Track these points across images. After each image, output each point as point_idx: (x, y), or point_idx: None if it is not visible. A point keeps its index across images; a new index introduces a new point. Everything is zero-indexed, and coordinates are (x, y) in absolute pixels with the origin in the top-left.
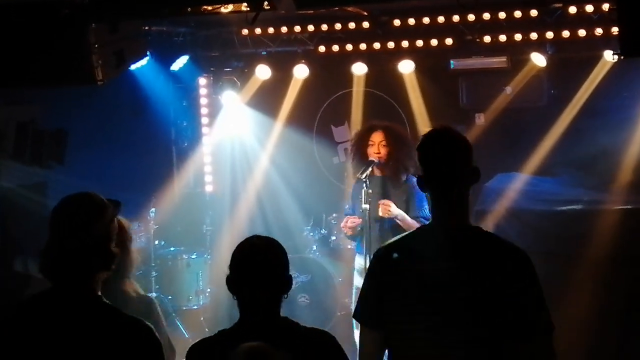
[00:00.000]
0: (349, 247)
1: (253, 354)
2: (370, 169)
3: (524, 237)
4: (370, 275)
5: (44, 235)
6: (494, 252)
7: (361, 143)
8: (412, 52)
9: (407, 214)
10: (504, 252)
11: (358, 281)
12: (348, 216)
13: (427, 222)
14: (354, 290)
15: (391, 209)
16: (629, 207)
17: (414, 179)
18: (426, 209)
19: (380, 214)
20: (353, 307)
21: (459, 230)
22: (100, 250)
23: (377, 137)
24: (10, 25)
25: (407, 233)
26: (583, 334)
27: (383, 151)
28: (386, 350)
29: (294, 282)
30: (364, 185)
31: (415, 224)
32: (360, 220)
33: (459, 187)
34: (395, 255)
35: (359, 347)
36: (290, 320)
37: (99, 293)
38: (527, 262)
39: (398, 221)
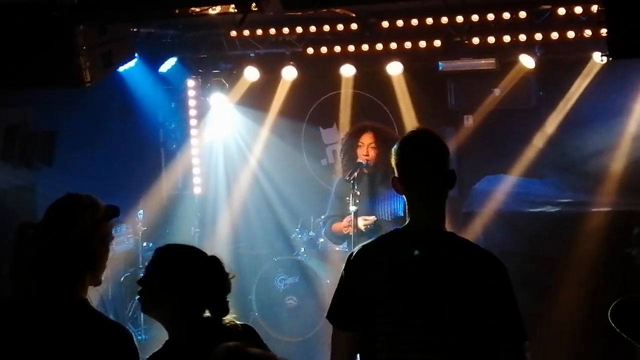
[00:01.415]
0: (337, 249)
1: (233, 353)
2: (357, 171)
3: (512, 239)
4: (343, 276)
5: None
6: (469, 259)
7: (351, 143)
8: (400, 54)
9: (397, 213)
10: (478, 259)
11: None
12: (336, 217)
13: None
14: None
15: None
16: (616, 209)
17: None
18: None
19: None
20: None
21: (433, 235)
22: (79, 250)
23: (367, 139)
24: None
25: (381, 235)
26: (570, 335)
27: (372, 153)
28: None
29: (281, 285)
30: (352, 187)
31: None
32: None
33: (435, 191)
34: (368, 256)
35: (332, 348)
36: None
37: (85, 296)
38: (502, 270)
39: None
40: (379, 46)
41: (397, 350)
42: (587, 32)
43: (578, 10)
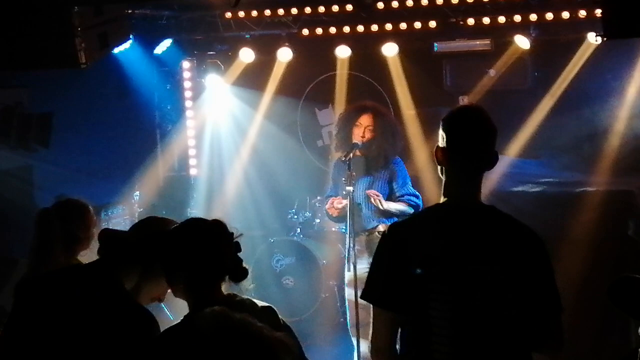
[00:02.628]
0: (333, 229)
1: (216, 316)
2: (353, 151)
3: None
4: (380, 254)
5: (28, 219)
6: (512, 231)
7: (348, 122)
8: (395, 35)
9: (391, 194)
10: (521, 232)
11: (347, 263)
12: (332, 197)
13: (414, 198)
14: (345, 273)
15: (382, 203)
16: (613, 188)
17: (397, 159)
18: (410, 186)
19: (372, 202)
20: (346, 290)
21: (478, 209)
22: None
23: (366, 120)
24: None
25: (418, 212)
26: (566, 316)
27: (368, 135)
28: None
29: (278, 265)
30: (347, 167)
31: (401, 206)
32: (346, 201)
33: (479, 169)
34: (408, 232)
35: (374, 329)
36: None
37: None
38: (542, 243)
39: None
40: (375, 27)
41: (452, 327)
42: (582, 13)
43: None
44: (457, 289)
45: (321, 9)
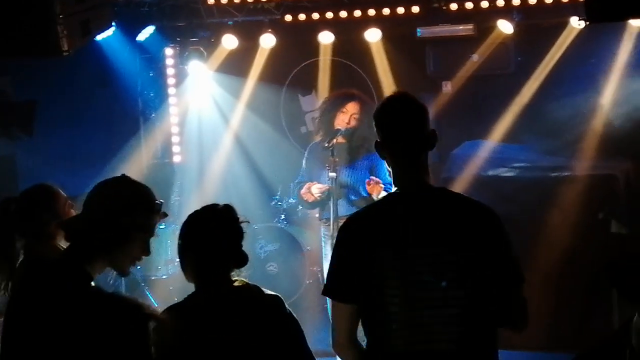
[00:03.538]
0: (317, 215)
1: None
2: (336, 138)
3: (491, 204)
4: (338, 247)
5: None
6: (465, 210)
7: (334, 107)
8: (378, 21)
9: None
10: (474, 209)
11: (327, 250)
12: (309, 183)
13: (391, 187)
14: (323, 260)
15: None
16: (595, 173)
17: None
18: (388, 176)
19: (369, 191)
20: (324, 275)
21: (426, 192)
22: None
23: (352, 108)
24: None
25: (372, 203)
26: (548, 300)
27: (353, 123)
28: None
29: (262, 252)
30: (330, 153)
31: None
32: (327, 187)
33: (416, 151)
34: (362, 224)
35: (332, 323)
36: None
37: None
38: (496, 217)
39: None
40: (357, 13)
41: (412, 310)
42: None
43: None
44: (408, 274)
45: None
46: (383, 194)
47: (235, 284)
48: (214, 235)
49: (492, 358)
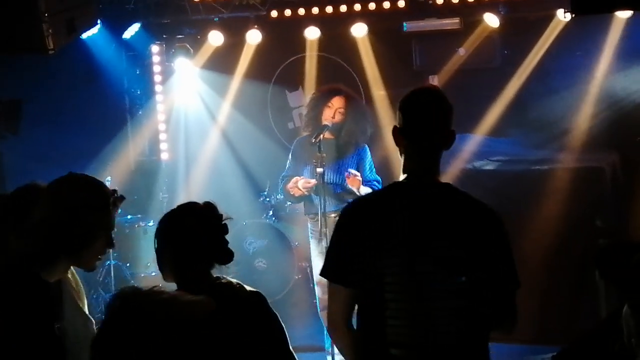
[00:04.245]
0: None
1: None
2: (322, 133)
3: (478, 198)
4: (339, 231)
5: None
6: (468, 208)
7: (320, 103)
8: (364, 16)
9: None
10: (477, 208)
11: (315, 246)
12: (296, 177)
13: (376, 184)
14: (312, 255)
15: (361, 186)
16: (582, 165)
17: (365, 147)
18: (374, 173)
19: (350, 185)
20: (315, 269)
21: (434, 186)
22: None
23: (337, 102)
24: None
25: (377, 190)
26: (535, 293)
27: (338, 117)
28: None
29: (250, 248)
30: (317, 149)
31: (369, 190)
32: (315, 181)
33: (434, 149)
34: (366, 209)
35: (328, 304)
36: None
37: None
38: (499, 219)
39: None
40: (343, 8)
41: (407, 301)
42: None
43: None
44: (411, 264)
45: None
46: (364, 189)
47: (224, 281)
48: (193, 231)
49: (486, 355)
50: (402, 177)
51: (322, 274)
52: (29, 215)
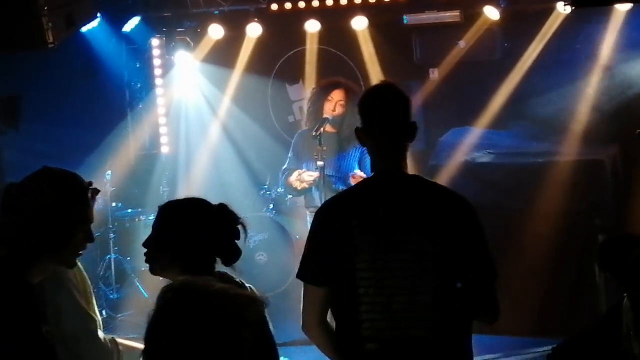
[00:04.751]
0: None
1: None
2: (323, 126)
3: (478, 191)
4: (313, 231)
5: None
6: (438, 198)
7: (320, 96)
8: (365, 8)
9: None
10: (447, 198)
11: None
12: (299, 170)
13: None
14: None
15: None
16: (581, 158)
17: None
18: None
19: (353, 183)
20: None
21: (402, 179)
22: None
23: (337, 95)
24: None
25: (348, 187)
26: (535, 286)
27: (339, 110)
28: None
29: (251, 241)
30: (318, 142)
31: None
32: (317, 174)
33: (396, 142)
34: (337, 208)
35: (305, 306)
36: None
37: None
38: (471, 208)
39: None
40: (343, 1)
41: (381, 295)
42: None
43: None
44: (383, 259)
45: None
46: None
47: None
48: (193, 222)
49: (464, 345)
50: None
51: (297, 276)
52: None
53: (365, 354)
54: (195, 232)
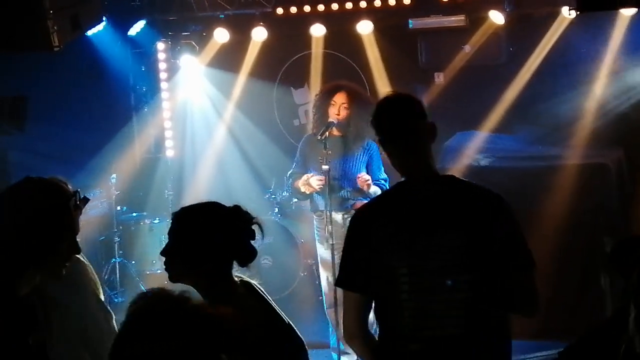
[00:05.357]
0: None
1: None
2: (328, 130)
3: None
4: (348, 239)
5: None
6: (474, 196)
7: (323, 101)
8: (370, 13)
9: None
10: (482, 196)
11: (320, 242)
12: (307, 174)
13: (384, 182)
14: (318, 252)
15: (371, 187)
16: (587, 161)
17: (373, 143)
18: (382, 172)
19: (360, 185)
20: (321, 266)
21: (438, 180)
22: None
23: (340, 98)
24: None
25: (382, 193)
26: (542, 289)
27: (343, 113)
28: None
29: (256, 245)
30: (323, 146)
31: (377, 190)
32: (324, 178)
33: (418, 144)
34: (373, 213)
35: (344, 313)
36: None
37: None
38: (505, 203)
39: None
40: (349, 5)
41: (422, 296)
42: None
43: None
44: (418, 261)
45: None
46: (373, 188)
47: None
48: (205, 227)
49: (503, 343)
50: (402, 179)
51: (336, 284)
52: None
53: (408, 355)
54: (210, 237)
